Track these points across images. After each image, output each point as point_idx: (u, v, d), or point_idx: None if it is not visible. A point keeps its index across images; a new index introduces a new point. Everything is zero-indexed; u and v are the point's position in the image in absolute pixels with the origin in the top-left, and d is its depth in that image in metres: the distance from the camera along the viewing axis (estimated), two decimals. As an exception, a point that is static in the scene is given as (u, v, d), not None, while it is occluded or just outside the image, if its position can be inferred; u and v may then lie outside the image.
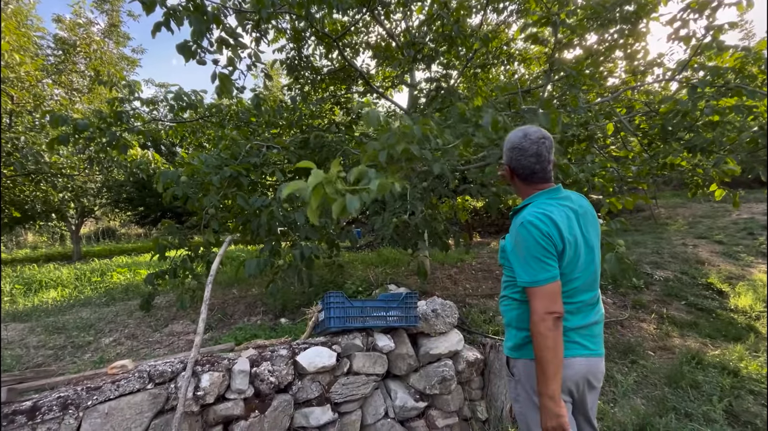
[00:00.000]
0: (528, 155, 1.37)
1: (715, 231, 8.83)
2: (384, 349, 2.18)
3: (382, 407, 2.11)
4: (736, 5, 3.09)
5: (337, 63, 5.77)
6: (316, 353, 1.98)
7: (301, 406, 1.91)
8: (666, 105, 3.34)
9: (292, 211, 3.16)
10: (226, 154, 3.49)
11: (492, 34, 4.08)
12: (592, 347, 1.36)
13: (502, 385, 2.46)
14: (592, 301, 1.39)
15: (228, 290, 5.30)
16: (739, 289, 5.48)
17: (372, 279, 4.14)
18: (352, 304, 2.12)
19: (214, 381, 1.70)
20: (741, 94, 3.03)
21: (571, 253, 1.31)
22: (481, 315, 4.01)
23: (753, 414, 2.67)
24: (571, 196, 1.43)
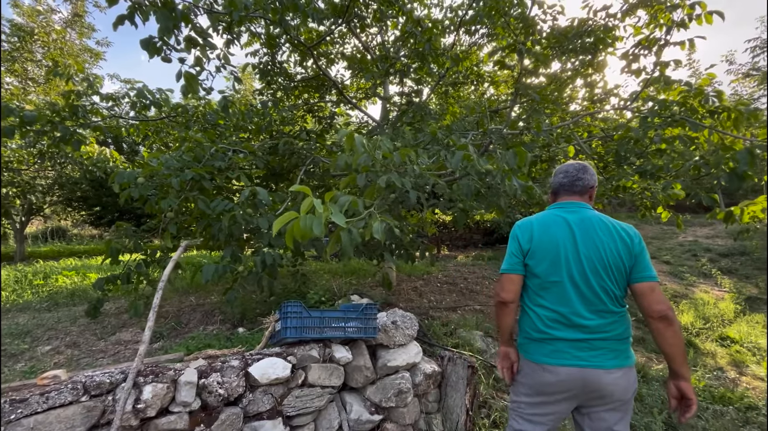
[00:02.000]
0: (561, 172, 1.66)
1: (663, 252, 9.44)
2: (341, 361, 2.15)
3: (336, 420, 2.07)
4: (680, 45, 3.38)
5: (312, 71, 5.77)
6: (269, 364, 1.93)
7: (251, 419, 1.84)
8: (620, 132, 3.59)
9: (256, 217, 3.09)
10: (189, 156, 3.37)
11: (463, 54, 4.23)
12: (587, 360, 1.42)
13: (459, 398, 2.48)
14: (597, 315, 1.42)
15: (185, 297, 5.08)
16: (682, 307, 5.85)
17: (335, 290, 4.09)
18: (309, 314, 2.09)
19: (157, 393, 1.61)
20: (684, 125, 3.29)
21: (543, 255, 1.49)
22: (443, 327, 4.06)
23: (689, 425, 2.83)
24: (582, 210, 1.56)
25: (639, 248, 1.44)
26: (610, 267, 1.43)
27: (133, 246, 3.63)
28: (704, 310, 5.76)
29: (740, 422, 2.96)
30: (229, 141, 4.31)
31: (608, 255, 1.43)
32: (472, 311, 4.87)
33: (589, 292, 1.43)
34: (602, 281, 1.43)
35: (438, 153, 2.98)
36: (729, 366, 4.16)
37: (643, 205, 3.78)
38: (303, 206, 1.60)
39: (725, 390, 3.40)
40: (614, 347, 1.43)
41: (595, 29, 3.87)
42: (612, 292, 1.43)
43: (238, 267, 3.21)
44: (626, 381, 1.42)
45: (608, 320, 1.43)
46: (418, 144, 3.39)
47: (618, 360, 1.42)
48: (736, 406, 3.17)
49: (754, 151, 2.65)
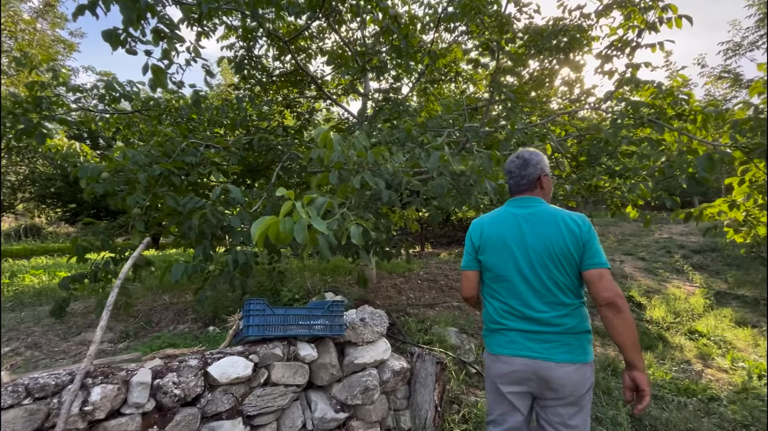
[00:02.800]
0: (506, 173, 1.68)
1: (639, 248, 9.67)
2: (306, 359, 2.13)
3: (300, 419, 2.05)
4: (651, 47, 3.45)
5: (291, 66, 5.70)
6: (230, 363, 1.89)
7: (209, 420, 1.80)
8: (592, 134, 3.65)
9: (228, 215, 3.03)
10: (158, 151, 3.29)
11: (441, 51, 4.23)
12: (538, 352, 1.42)
13: (427, 394, 2.49)
14: (547, 308, 1.43)
15: (159, 296, 4.97)
16: (655, 302, 6.00)
17: (310, 287, 4.06)
18: (273, 312, 2.06)
19: (107, 395, 1.56)
20: (653, 126, 3.36)
21: (491, 250, 1.54)
22: (419, 324, 4.07)
23: (653, 417, 2.90)
24: (531, 204, 1.56)
25: (587, 236, 1.43)
26: (558, 259, 1.42)
27: (101, 243, 3.52)
28: (675, 305, 5.93)
29: (702, 413, 3.05)
30: (203, 136, 4.22)
31: (555, 246, 1.43)
32: (450, 308, 4.89)
33: (539, 285, 1.44)
34: (551, 273, 1.43)
35: (412, 151, 2.97)
36: (695, 359, 4.29)
37: (613, 204, 3.85)
38: (283, 209, 1.56)
39: (690, 383, 3.50)
40: (567, 341, 1.42)
41: (570, 29, 3.92)
42: (563, 284, 1.43)
43: (209, 266, 3.15)
44: (579, 376, 1.41)
45: (560, 312, 1.43)
46: (394, 141, 3.37)
47: (571, 355, 1.41)
48: (699, 397, 3.27)
49: (713, 156, 2.72)
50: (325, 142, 2.04)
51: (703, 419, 2.93)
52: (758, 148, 2.61)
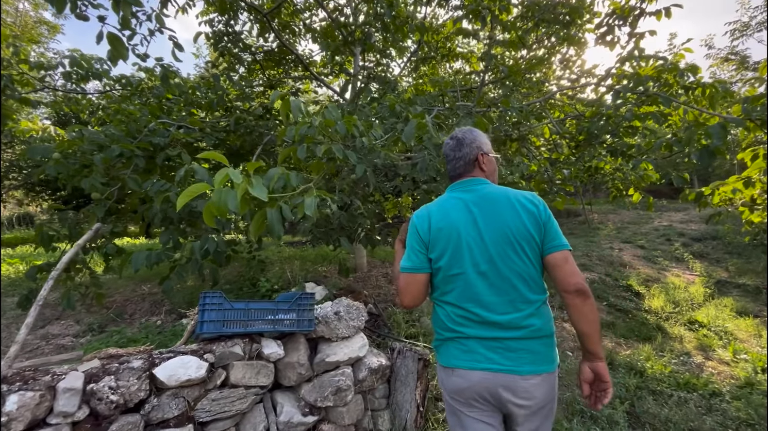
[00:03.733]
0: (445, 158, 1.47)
1: (639, 236, 9.47)
2: (271, 357, 1.92)
3: (263, 424, 1.84)
4: (656, 14, 3.16)
5: (276, 45, 5.38)
6: (180, 364, 1.68)
7: (155, 428, 1.60)
8: (591, 109, 3.39)
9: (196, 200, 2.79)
10: (120, 131, 3.03)
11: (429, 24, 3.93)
12: (504, 362, 1.19)
13: (408, 393, 2.29)
14: (509, 309, 1.20)
15: (138, 286, 4.76)
16: (654, 291, 5.82)
17: (290, 277, 3.84)
18: (232, 306, 1.84)
19: (26, 403, 1.35)
20: (657, 101, 3.10)
21: (444, 245, 1.27)
22: (407, 315, 3.87)
23: (652, 415, 2.72)
24: (476, 186, 1.32)
25: (546, 215, 1.22)
26: (520, 245, 1.20)
27: (69, 231, 3.29)
28: (675, 294, 5.74)
29: (703, 409, 2.87)
30: (179, 116, 3.95)
31: (515, 231, 1.20)
32: (441, 298, 4.70)
33: (500, 281, 1.21)
34: (513, 264, 1.20)
35: (394, 126, 2.72)
36: (696, 350, 4.11)
37: (614, 187, 3.61)
38: (217, 177, 1.35)
39: (690, 376, 3.32)
40: (532, 348, 1.19)
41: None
42: (527, 275, 1.20)
43: (176, 255, 2.93)
44: (546, 388, 1.20)
45: (524, 312, 1.20)
46: (378, 117, 3.12)
47: (536, 365, 1.19)
48: (700, 392, 3.09)
49: (728, 126, 2.48)
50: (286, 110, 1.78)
51: (704, 417, 2.75)
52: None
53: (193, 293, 3.85)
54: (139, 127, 3.17)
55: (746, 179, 2.84)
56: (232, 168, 1.37)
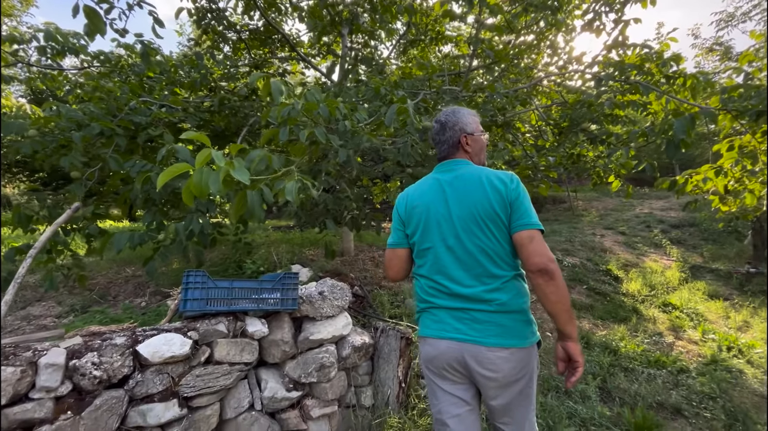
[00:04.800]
0: (430, 140, 1.53)
1: (620, 223, 9.71)
2: (255, 335, 1.95)
3: (247, 399, 1.89)
4: (641, 2, 3.19)
5: (262, 25, 5.24)
6: (164, 341, 1.70)
7: (139, 403, 1.63)
8: (573, 96, 3.43)
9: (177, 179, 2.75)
10: (99, 108, 2.95)
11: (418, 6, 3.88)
12: (470, 332, 1.23)
13: (391, 370, 2.36)
14: (475, 282, 1.25)
15: (122, 268, 4.71)
16: (632, 275, 6.02)
17: (276, 259, 3.86)
18: (215, 285, 1.85)
19: (7, 379, 1.36)
20: (638, 89, 3.15)
21: (416, 221, 1.36)
22: (393, 297, 3.94)
23: (622, 390, 2.86)
24: (455, 168, 1.36)
25: (515, 194, 1.24)
26: (485, 223, 1.24)
27: (48, 213, 3.23)
28: (651, 278, 5.96)
29: (670, 385, 3.03)
30: (161, 95, 3.86)
31: (480, 209, 1.25)
32: (426, 281, 4.78)
33: (465, 255, 1.26)
34: (478, 240, 1.25)
35: (378, 109, 2.72)
36: (668, 331, 4.31)
37: (595, 174, 3.69)
38: (199, 158, 1.34)
39: (660, 355, 3.49)
40: (499, 322, 1.23)
41: (558, -18, 3.60)
42: (492, 251, 1.24)
43: (159, 236, 2.90)
44: (513, 362, 1.21)
45: (490, 286, 1.24)
46: (364, 100, 3.10)
47: (502, 338, 1.22)
48: (668, 369, 3.25)
49: (696, 118, 2.54)
50: (267, 91, 1.77)
51: (671, 391, 2.91)
52: (748, 111, 2.44)
53: (177, 275, 3.83)
54: (120, 105, 3.09)
55: (718, 168, 2.94)
56: (215, 149, 1.37)
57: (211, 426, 1.77)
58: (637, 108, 3.18)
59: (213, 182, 1.34)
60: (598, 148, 3.42)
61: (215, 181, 1.34)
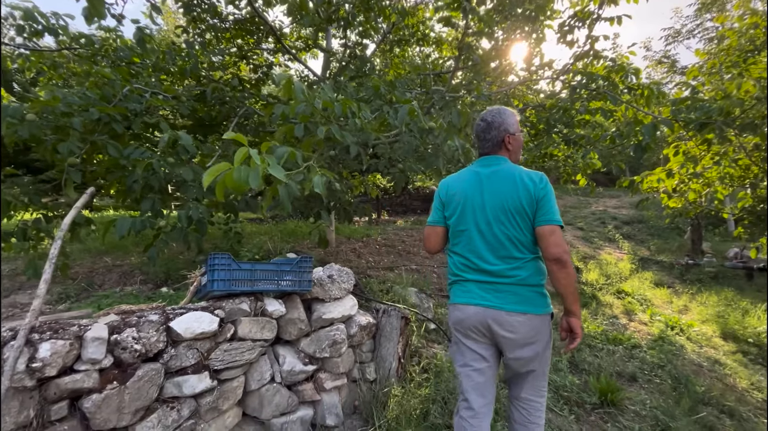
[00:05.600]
0: (474, 136, 1.73)
1: (579, 219, 10.49)
2: (274, 314, 2.10)
3: (269, 372, 2.04)
4: (610, 20, 3.58)
5: (247, 13, 5.22)
6: (194, 318, 1.81)
7: (173, 375, 1.74)
8: (551, 101, 3.79)
9: (179, 167, 2.80)
10: (95, 94, 2.92)
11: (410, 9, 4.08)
12: (490, 301, 1.50)
13: (391, 347, 2.58)
14: (500, 261, 1.49)
15: (99, 258, 4.59)
16: (590, 266, 6.60)
17: (271, 248, 3.96)
18: (239, 267, 1.98)
19: (57, 351, 1.44)
20: (606, 98, 3.55)
21: (455, 206, 1.61)
22: (380, 285, 4.15)
23: (588, 362, 3.25)
24: (494, 164, 1.60)
25: (542, 193, 1.47)
26: (512, 215, 1.48)
27: (30, 199, 3.13)
28: (607, 269, 6.58)
29: (626, 358, 3.48)
30: (147, 82, 3.80)
31: (510, 203, 1.48)
32: (409, 270, 5.03)
33: (493, 239, 1.51)
34: (505, 228, 1.49)
35: (380, 108, 2.90)
36: (622, 314, 4.84)
37: (565, 172, 4.09)
38: (237, 156, 1.46)
39: (617, 334, 3.96)
40: (518, 292, 1.48)
41: (537, -6, 3.95)
42: (515, 239, 1.49)
43: (160, 223, 2.94)
44: (529, 327, 1.46)
45: (511, 265, 1.49)
46: (361, 99, 3.27)
47: (521, 305, 1.46)
48: (624, 345, 3.72)
49: (658, 125, 2.95)
50: (289, 90, 1.91)
51: (627, 362, 3.35)
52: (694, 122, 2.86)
53: (167, 264, 3.83)
54: (115, 92, 3.06)
55: (668, 171, 3.39)
56: (252, 149, 1.49)
57: (237, 396, 1.91)
58: (603, 114, 3.57)
59: (254, 178, 1.45)
60: (570, 149, 3.80)
61: (255, 177, 1.45)
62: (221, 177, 1.44)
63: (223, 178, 1.45)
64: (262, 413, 1.98)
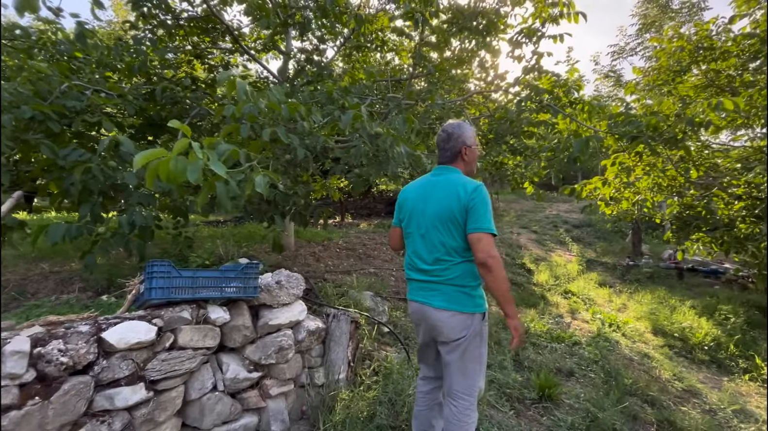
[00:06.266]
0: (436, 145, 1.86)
1: (533, 223, 11.01)
2: (217, 322, 2.07)
3: (210, 381, 2.01)
4: (553, 38, 3.82)
5: (203, 11, 5.08)
6: (129, 328, 1.76)
7: (105, 387, 1.67)
8: (499, 113, 3.99)
9: (121, 171, 2.69)
10: (27, 90, 2.74)
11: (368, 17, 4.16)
12: (424, 298, 1.71)
13: (341, 351, 2.62)
14: (432, 262, 1.67)
15: (35, 264, 4.29)
16: (541, 268, 6.95)
17: (223, 253, 3.87)
18: (180, 274, 1.94)
19: (-30, 367, 1.35)
20: (549, 111, 3.79)
21: (405, 211, 1.83)
22: (336, 289, 4.17)
23: (532, 360, 3.44)
24: (442, 174, 1.75)
25: (473, 203, 1.59)
26: (445, 221, 1.64)
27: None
28: (556, 270, 6.96)
29: (567, 354, 3.72)
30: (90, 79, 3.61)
31: (444, 210, 1.64)
32: (367, 274, 5.09)
33: (429, 243, 1.69)
34: (438, 233, 1.66)
35: (332, 113, 2.94)
36: (567, 313, 5.15)
37: (513, 180, 4.31)
38: (177, 146, 1.43)
39: (561, 332, 4.21)
40: (445, 291, 1.64)
41: (488, 11, 4.14)
42: (447, 243, 1.64)
43: (99, 228, 2.80)
44: (455, 323, 1.62)
45: (442, 266, 1.65)
46: (315, 103, 3.29)
47: (447, 303, 1.63)
48: (566, 343, 3.96)
49: (590, 141, 3.19)
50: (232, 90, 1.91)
51: (567, 359, 3.58)
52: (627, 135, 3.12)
53: (110, 270, 3.64)
54: (51, 88, 2.89)
55: (604, 180, 3.67)
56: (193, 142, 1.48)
57: (176, 406, 1.87)
58: (547, 126, 3.81)
59: (193, 171, 1.43)
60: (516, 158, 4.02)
61: (195, 170, 1.43)
62: (154, 164, 1.38)
63: (156, 166, 1.39)
64: (203, 423, 1.95)
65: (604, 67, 12.38)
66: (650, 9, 10.42)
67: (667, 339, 4.53)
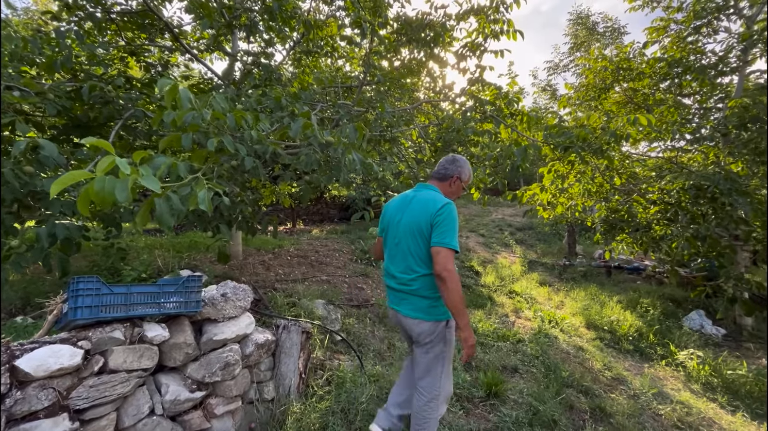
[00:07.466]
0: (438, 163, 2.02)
1: (481, 227, 11.51)
2: (155, 340, 1.93)
3: (147, 405, 1.86)
4: (494, 53, 4.06)
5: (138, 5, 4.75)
6: (50, 353, 1.58)
7: (19, 422, 1.49)
8: (446, 122, 4.15)
9: (38, 177, 2.43)
10: None
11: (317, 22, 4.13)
12: (397, 305, 1.89)
13: (292, 363, 2.55)
14: (402, 271, 1.80)
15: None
16: (488, 270, 7.28)
17: (161, 265, 3.61)
18: (111, 291, 1.79)
19: None
20: (493, 121, 4.01)
21: (385, 222, 1.99)
22: (287, 298, 4.07)
23: (479, 359, 3.58)
24: (422, 191, 1.88)
25: (437, 219, 1.70)
26: (415, 234, 1.76)
27: None
28: (502, 272, 7.33)
29: (512, 352, 3.92)
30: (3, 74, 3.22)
31: (414, 224, 1.77)
32: (319, 282, 5.01)
33: (401, 254, 1.83)
34: (410, 245, 1.78)
35: (281, 120, 2.87)
36: (511, 312, 5.43)
37: (461, 186, 4.49)
38: (101, 165, 1.31)
39: (506, 331, 4.43)
40: (412, 301, 1.81)
41: (435, 24, 4.30)
42: (416, 255, 1.77)
43: (11, 242, 2.50)
44: (421, 329, 1.80)
45: (411, 276, 1.79)
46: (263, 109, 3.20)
47: (413, 311, 1.80)
48: (510, 341, 4.18)
49: (529, 149, 3.43)
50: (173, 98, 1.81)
51: (512, 356, 3.77)
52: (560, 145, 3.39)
53: (26, 288, 3.25)
54: (-49, 83, 2.54)
55: (542, 186, 3.95)
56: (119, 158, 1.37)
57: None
58: (491, 136, 4.02)
59: (120, 191, 1.31)
60: (464, 165, 4.21)
61: (123, 189, 1.32)
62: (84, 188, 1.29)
63: (86, 190, 1.29)
64: (139, 451, 1.80)
65: (542, 81, 13.36)
66: (579, 30, 11.42)
67: (598, 332, 4.94)
